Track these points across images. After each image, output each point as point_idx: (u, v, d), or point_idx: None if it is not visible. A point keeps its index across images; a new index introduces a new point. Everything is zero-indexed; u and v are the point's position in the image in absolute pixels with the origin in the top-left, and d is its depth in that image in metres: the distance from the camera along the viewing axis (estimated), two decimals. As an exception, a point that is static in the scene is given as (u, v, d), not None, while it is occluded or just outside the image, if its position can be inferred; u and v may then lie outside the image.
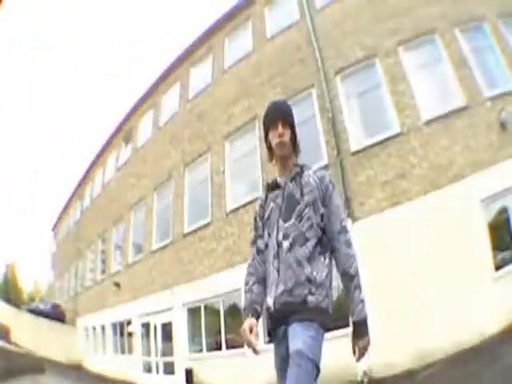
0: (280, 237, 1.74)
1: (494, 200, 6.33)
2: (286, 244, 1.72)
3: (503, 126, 6.55)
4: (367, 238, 6.95)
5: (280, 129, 1.79)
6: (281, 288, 1.68)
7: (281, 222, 1.76)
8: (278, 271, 1.70)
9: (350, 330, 6.22)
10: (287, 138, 1.80)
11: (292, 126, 1.84)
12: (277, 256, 1.73)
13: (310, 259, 1.69)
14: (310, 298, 1.64)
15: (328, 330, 1.70)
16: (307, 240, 1.71)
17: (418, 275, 6.25)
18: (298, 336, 1.56)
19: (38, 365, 11.09)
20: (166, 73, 13.64)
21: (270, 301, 1.72)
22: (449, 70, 7.25)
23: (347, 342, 6.29)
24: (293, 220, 1.73)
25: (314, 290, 1.65)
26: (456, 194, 6.45)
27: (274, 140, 1.81)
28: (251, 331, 1.61)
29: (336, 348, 6.71)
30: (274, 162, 1.92)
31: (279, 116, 1.82)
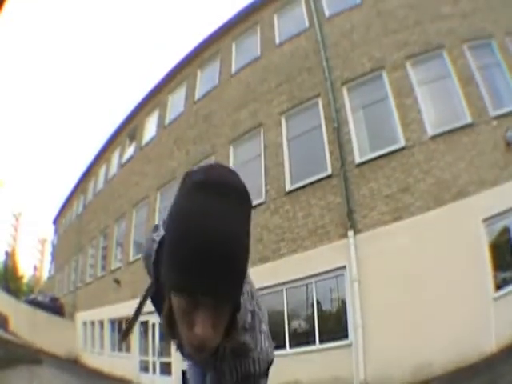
0: None
1: (496, 220, 6.35)
2: None
3: (509, 145, 6.57)
4: (368, 251, 7.03)
5: (201, 323, 0.66)
6: None
7: None
8: None
9: (344, 342, 6.28)
10: (216, 338, 0.70)
11: (236, 304, 0.73)
12: None
13: None
14: None
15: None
16: None
17: (417, 290, 6.29)
18: None
19: (35, 356, 11.22)
20: (172, 73, 13.64)
21: None
22: (456, 87, 7.25)
23: (342, 354, 6.39)
24: None
25: None
26: (459, 212, 6.46)
27: (187, 333, 0.69)
28: None
29: (331, 360, 6.83)
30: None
31: (212, 290, 0.63)
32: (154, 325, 11.26)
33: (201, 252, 0.62)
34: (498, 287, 6.09)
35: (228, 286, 0.65)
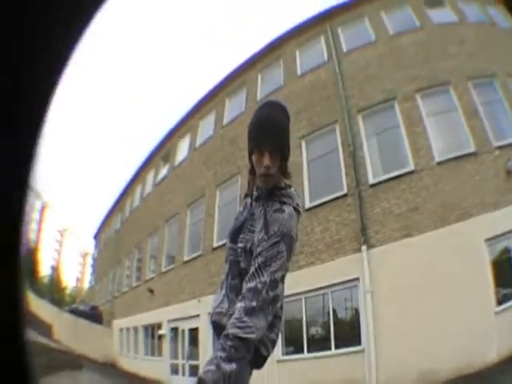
0: None
1: (497, 240, 6.91)
2: None
3: (509, 173, 7.15)
4: (380, 264, 7.62)
5: (266, 160, 1.37)
6: None
7: None
8: None
9: (358, 348, 6.98)
10: (274, 170, 1.40)
11: (283, 153, 1.43)
12: None
13: None
14: None
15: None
16: None
17: (424, 302, 6.83)
18: None
19: (76, 362, 12.03)
20: (203, 101, 14.68)
21: None
22: (461, 119, 7.93)
23: (356, 359, 7.10)
24: None
25: None
26: (463, 232, 7.03)
27: (259, 169, 1.42)
28: None
29: (345, 364, 7.42)
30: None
31: (268, 143, 1.38)
32: (183, 331, 12.11)
33: (262, 124, 1.42)
34: (500, 302, 6.64)
35: (276, 140, 1.40)
